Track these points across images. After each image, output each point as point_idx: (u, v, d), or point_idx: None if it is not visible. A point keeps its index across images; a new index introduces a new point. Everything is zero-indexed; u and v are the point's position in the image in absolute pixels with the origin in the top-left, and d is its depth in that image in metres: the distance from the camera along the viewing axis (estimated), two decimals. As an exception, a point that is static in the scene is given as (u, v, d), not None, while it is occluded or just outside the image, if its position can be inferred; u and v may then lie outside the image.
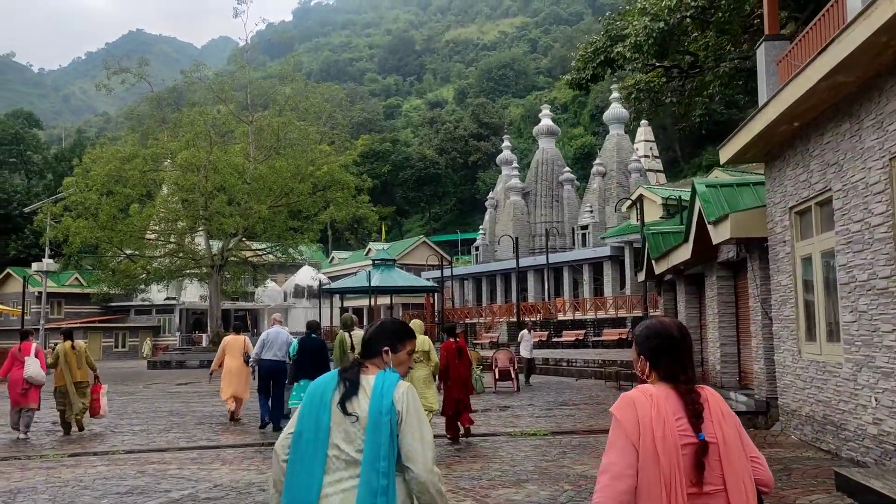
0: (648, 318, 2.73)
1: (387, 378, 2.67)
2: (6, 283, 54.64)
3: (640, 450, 2.14)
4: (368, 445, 2.53)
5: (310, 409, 2.64)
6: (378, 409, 2.56)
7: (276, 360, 11.28)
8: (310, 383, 8.11)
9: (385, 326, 2.86)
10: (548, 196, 50.12)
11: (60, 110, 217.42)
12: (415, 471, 2.55)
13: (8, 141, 67.07)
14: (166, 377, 27.73)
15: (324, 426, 2.59)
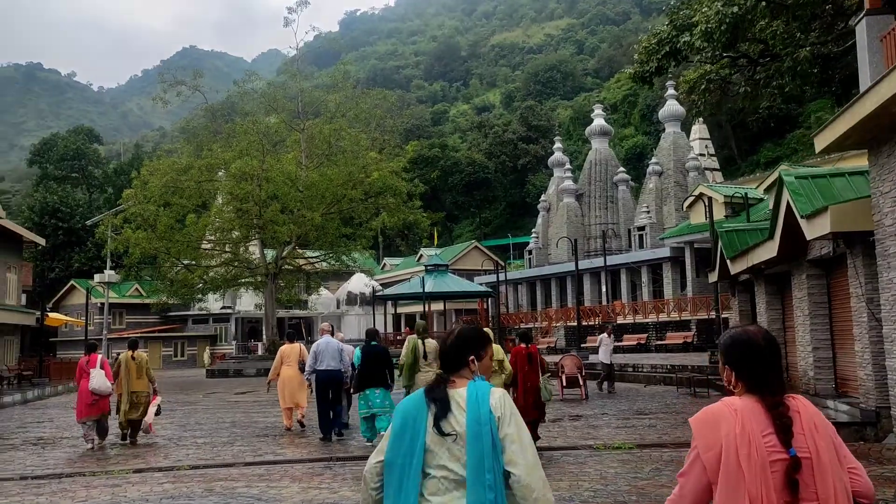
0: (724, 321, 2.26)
1: (479, 387, 2.57)
2: (70, 295, 55.97)
3: (723, 469, 2.08)
4: (471, 459, 2.43)
5: (401, 435, 2.54)
6: (476, 420, 2.46)
7: (330, 369, 11.19)
8: (375, 391, 9.17)
9: (465, 335, 2.71)
10: (602, 197, 49.04)
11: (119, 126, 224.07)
12: (517, 473, 2.45)
13: (70, 156, 69.03)
14: (225, 386, 27.76)
15: (418, 451, 2.49)
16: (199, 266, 39.09)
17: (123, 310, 56.97)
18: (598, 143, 50.68)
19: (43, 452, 11.00)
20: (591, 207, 49.14)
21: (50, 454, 10.82)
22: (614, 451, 9.29)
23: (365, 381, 10.19)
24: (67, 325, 50.57)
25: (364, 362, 10.40)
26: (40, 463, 9.90)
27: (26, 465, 9.79)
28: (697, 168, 43.79)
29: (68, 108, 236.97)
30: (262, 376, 35.67)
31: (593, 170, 49.67)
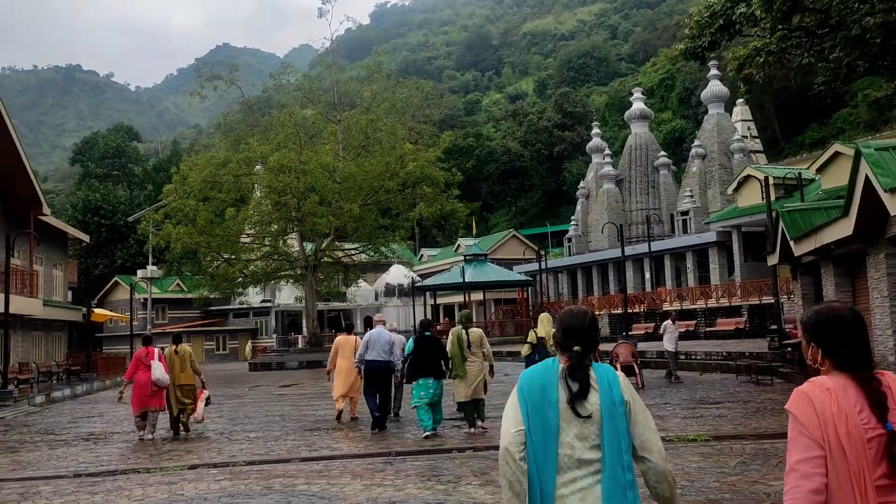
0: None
1: (605, 369, 2.59)
2: (114, 291, 56.74)
3: (825, 447, 2.04)
4: (608, 440, 2.44)
5: (533, 407, 2.52)
6: (611, 402, 2.48)
7: (381, 359, 11.21)
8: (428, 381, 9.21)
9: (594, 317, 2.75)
10: (643, 182, 48.03)
11: (156, 125, 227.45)
12: (652, 460, 2.49)
13: (111, 154, 69.98)
14: (268, 379, 27.66)
15: (553, 425, 2.48)
16: (239, 260, 39.17)
17: (166, 305, 57.60)
18: (638, 127, 49.63)
19: (95, 448, 10.83)
20: (632, 193, 48.17)
21: (102, 450, 10.64)
22: (689, 443, 8.76)
23: (418, 371, 10.18)
24: (112, 321, 51.25)
25: (417, 352, 10.40)
26: (93, 459, 9.70)
27: (79, 461, 9.60)
28: (742, 150, 42.56)
29: (107, 108, 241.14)
30: (304, 369, 35.69)
31: (633, 154, 48.66)
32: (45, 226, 30.41)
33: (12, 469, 9.21)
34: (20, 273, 25.99)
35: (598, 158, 53.11)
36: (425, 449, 9.13)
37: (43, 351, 31.46)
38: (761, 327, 29.34)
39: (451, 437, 10.10)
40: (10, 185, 26.53)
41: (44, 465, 9.46)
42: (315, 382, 24.45)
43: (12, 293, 21.85)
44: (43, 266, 31.41)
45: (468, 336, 10.21)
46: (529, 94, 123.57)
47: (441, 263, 63.28)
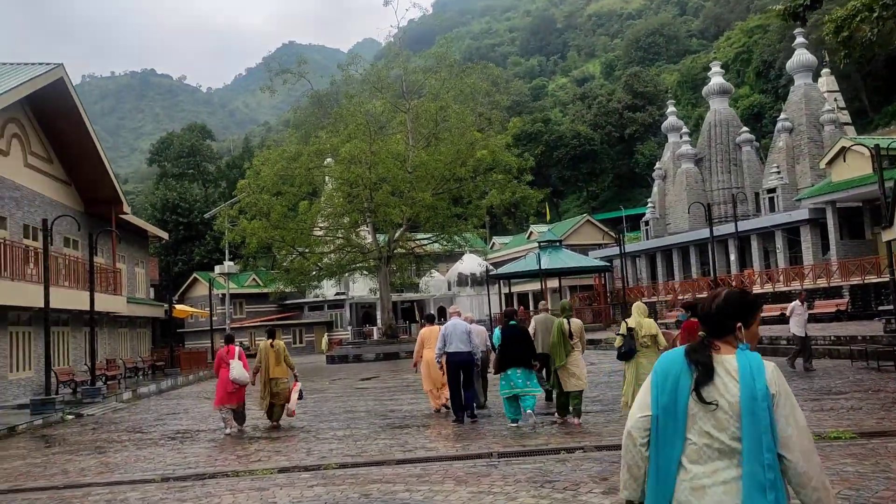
0: None
1: (750, 357, 2.40)
2: (193, 287, 58.04)
3: None
4: (748, 436, 2.29)
5: (664, 393, 2.43)
6: (752, 395, 2.31)
7: (460, 351, 11.15)
8: (517, 371, 9.65)
9: (733, 299, 2.52)
10: (724, 160, 45.87)
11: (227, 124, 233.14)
12: (791, 460, 2.31)
13: (186, 153, 71.68)
14: (347, 372, 27.42)
15: (681, 412, 2.39)
16: (313, 253, 39.22)
17: (243, 300, 58.58)
18: (717, 102, 47.40)
19: (182, 448, 10.50)
20: (713, 172, 46.10)
21: (189, 449, 10.30)
22: (832, 441, 7.72)
23: (506, 362, 10.12)
24: (192, 317, 52.38)
25: (504, 342, 10.30)
26: (181, 461, 9.33)
27: (167, 462, 9.25)
28: (833, 121, 40.07)
29: (181, 109, 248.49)
30: (381, 361, 35.47)
31: (713, 131, 46.52)
32: (126, 224, 30.98)
33: (100, 472, 8.91)
34: (104, 271, 26.44)
35: (675, 138, 51.12)
36: (529, 450, 8.37)
37: (128, 347, 32.13)
38: (865, 309, 27.40)
39: (553, 434, 9.33)
40: (94, 186, 27.03)
41: (131, 467, 9.14)
42: (395, 375, 24.03)
43: (97, 291, 22.14)
44: (126, 264, 32.04)
45: (570, 326, 10.12)
46: (597, 77, 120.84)
47: (513, 251, 62.34)
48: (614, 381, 16.24)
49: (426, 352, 12.41)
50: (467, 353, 11.14)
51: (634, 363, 9.22)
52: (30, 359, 21.79)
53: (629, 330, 9.40)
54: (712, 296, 2.57)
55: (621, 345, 9.42)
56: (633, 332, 9.38)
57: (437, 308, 65.27)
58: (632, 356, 9.20)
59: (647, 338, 9.19)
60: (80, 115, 24.39)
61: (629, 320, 9.57)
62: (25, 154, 23.07)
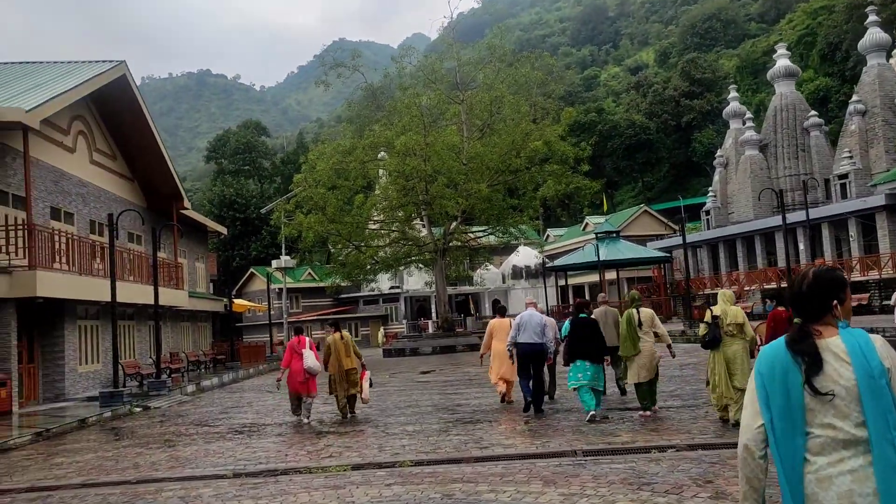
0: None
1: (856, 335, 2.28)
2: (250, 282, 58.85)
3: None
4: (871, 417, 2.17)
5: (774, 394, 2.31)
6: (868, 374, 2.20)
7: (533, 342, 11.16)
8: (585, 363, 9.68)
9: (822, 276, 2.40)
10: (791, 146, 44.16)
11: (280, 122, 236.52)
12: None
13: (242, 150, 72.70)
14: (405, 365, 27.18)
15: (797, 409, 2.27)
16: (369, 246, 39.17)
17: (299, 294, 59.12)
18: (784, 86, 45.65)
19: (250, 442, 10.32)
20: (779, 158, 44.43)
21: (258, 443, 10.10)
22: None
23: (575, 353, 10.12)
24: (250, 311, 53.08)
25: (573, 334, 10.33)
26: (250, 455, 9.12)
27: (237, 457, 9.04)
28: (910, 102, 38.13)
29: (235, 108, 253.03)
30: (438, 354, 35.19)
31: (779, 116, 44.83)
32: (186, 220, 31.36)
33: (171, 467, 8.75)
34: (167, 266, 26.77)
35: (737, 124, 49.51)
36: (616, 448, 7.88)
37: (190, 340, 32.57)
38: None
39: (636, 430, 8.80)
40: (155, 182, 27.40)
41: (201, 461, 8.96)
42: (455, 369, 23.68)
43: (160, 285, 22.37)
44: (186, 259, 32.46)
45: (639, 316, 10.12)
46: (650, 65, 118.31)
47: (568, 243, 61.42)
48: (688, 375, 15.57)
49: (495, 343, 12.40)
50: (539, 344, 11.11)
51: (720, 352, 8.88)
52: (98, 352, 22.15)
53: (714, 318, 8.97)
54: (800, 278, 2.44)
55: (705, 333, 9.00)
56: (717, 321, 8.94)
57: (492, 301, 64.88)
58: (717, 345, 8.86)
59: (732, 326, 8.82)
60: (141, 112, 24.70)
61: (714, 308, 9.15)
62: (91, 151, 23.45)
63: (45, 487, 7.95)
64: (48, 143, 20.37)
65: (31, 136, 18.02)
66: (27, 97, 18.36)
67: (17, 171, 18.54)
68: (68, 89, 19.33)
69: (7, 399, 16.12)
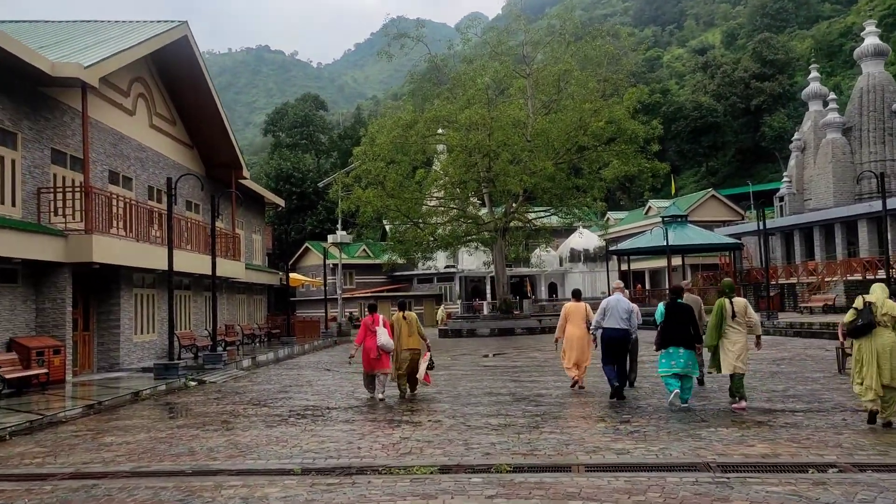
0: None
1: None
2: (305, 257, 58.48)
3: None
4: None
5: None
6: None
7: (619, 328, 11.01)
8: (679, 350, 9.70)
9: None
10: (878, 130, 41.30)
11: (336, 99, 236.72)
12: None
13: (300, 123, 72.23)
14: (464, 347, 26.01)
15: None
16: (429, 223, 38.07)
17: (353, 270, 58.54)
18: (872, 65, 42.68)
19: (315, 429, 9.28)
20: (864, 143, 41.63)
21: (324, 431, 9.05)
22: None
23: (669, 339, 9.91)
24: (305, 286, 52.69)
25: (668, 319, 10.05)
26: (318, 447, 8.05)
27: (303, 448, 7.99)
28: None
29: (292, 85, 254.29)
30: (496, 336, 34.02)
31: (865, 98, 41.94)
32: (245, 190, 30.70)
33: (230, 455, 7.74)
34: (224, 236, 26.12)
35: (817, 106, 46.66)
36: (758, 462, 6.53)
37: (246, 314, 32.06)
38: None
39: (765, 438, 7.44)
40: (215, 149, 26.71)
41: (264, 450, 7.94)
42: (520, 353, 22.50)
43: (218, 256, 21.63)
44: (243, 231, 31.86)
45: (733, 306, 9.84)
46: (717, 47, 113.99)
47: (629, 227, 59.34)
48: (788, 371, 14.02)
49: (569, 327, 12.22)
50: (625, 331, 10.99)
51: (870, 341, 8.11)
52: (153, 322, 21.59)
53: (868, 304, 8.23)
54: None
55: (854, 318, 8.29)
56: (871, 307, 8.19)
57: (549, 284, 63.28)
58: (869, 331, 8.12)
59: (886, 317, 8.11)
60: (203, 75, 23.93)
61: (868, 296, 8.38)
62: (151, 115, 22.77)
63: (90, 474, 7.02)
64: (107, 104, 19.68)
65: (90, 94, 17.29)
66: (87, 53, 17.62)
67: (75, 131, 17.88)
68: (129, 46, 18.55)
69: (61, 367, 15.53)
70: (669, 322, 10.00)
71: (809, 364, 15.49)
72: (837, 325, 8.80)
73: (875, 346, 8.01)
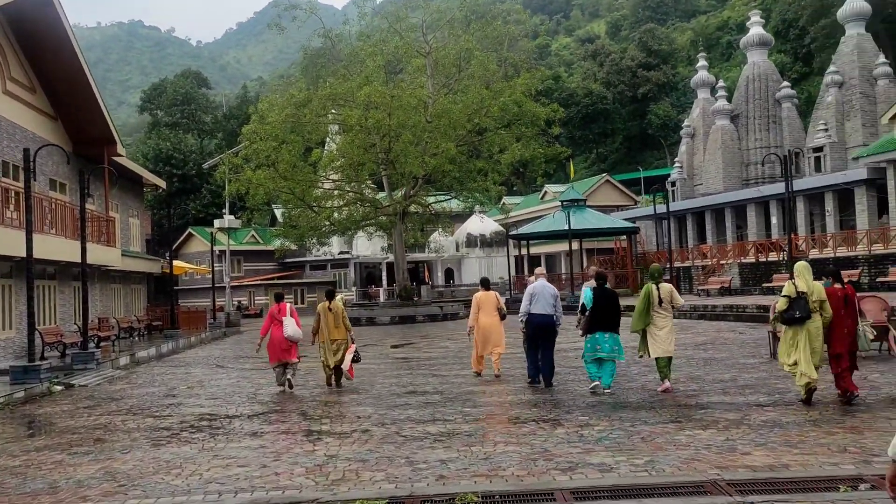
0: None
1: None
2: (188, 244, 54.83)
3: None
4: None
5: None
6: None
7: (547, 314, 10.82)
8: (605, 335, 10.04)
9: None
10: (763, 117, 42.80)
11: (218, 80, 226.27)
12: None
13: (180, 101, 67.63)
14: (366, 337, 24.19)
15: None
16: (324, 207, 36.09)
17: (241, 257, 55.44)
18: (757, 55, 44.14)
19: (217, 447, 7.55)
20: (750, 129, 43.06)
21: (229, 451, 7.33)
22: None
23: (595, 325, 9.96)
24: (188, 274, 49.34)
25: (597, 305, 10.05)
26: (223, 474, 6.37)
27: (203, 476, 6.29)
28: (887, 75, 37.00)
29: (169, 63, 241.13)
30: (397, 324, 32.61)
31: (751, 86, 43.35)
32: (121, 169, 27.67)
33: (107, 493, 5.94)
34: (97, 219, 23.30)
35: (705, 94, 47.99)
36: (771, 478, 5.46)
37: (122, 305, 29.13)
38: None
39: (754, 441, 6.46)
40: (83, 123, 23.69)
41: (151, 483, 6.19)
42: (429, 343, 21.24)
43: (89, 241, 19.03)
44: (119, 214, 28.84)
45: (659, 292, 9.81)
46: (602, 37, 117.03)
47: (525, 212, 59.30)
48: (721, 358, 13.41)
49: (482, 316, 12.06)
50: (551, 316, 10.85)
51: (805, 329, 8.21)
52: (11, 317, 18.76)
53: (800, 293, 8.24)
54: None
55: (787, 308, 8.28)
56: (804, 295, 8.23)
57: (445, 270, 62.42)
58: (804, 322, 8.22)
59: (816, 303, 8.23)
60: (68, 38, 21.05)
61: (798, 282, 8.36)
62: (4, 79, 19.74)
63: None
64: (-51, 63, 16.71)
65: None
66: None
67: None
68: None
69: None
70: (598, 307, 10.00)
71: (735, 349, 15.04)
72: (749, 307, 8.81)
73: (809, 330, 8.17)
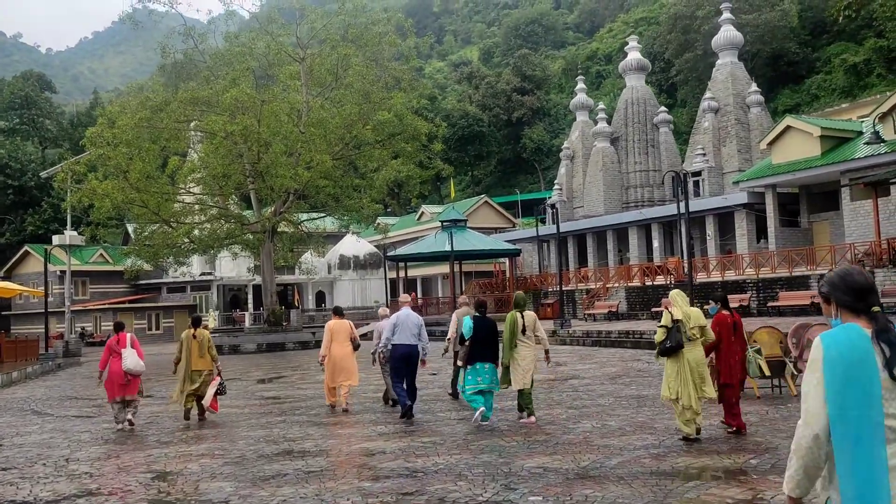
0: None
1: None
2: (24, 263, 48.54)
3: None
4: None
5: (848, 381, 2.24)
6: None
7: (410, 343, 10.54)
8: (485, 366, 9.75)
9: (865, 273, 2.44)
10: (641, 141, 43.13)
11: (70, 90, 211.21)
12: None
13: (19, 105, 60.43)
14: (230, 368, 20.91)
15: (876, 398, 2.24)
16: (183, 223, 32.33)
17: (87, 278, 49.74)
18: (635, 79, 44.62)
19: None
20: (629, 153, 43.25)
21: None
22: None
23: (475, 354, 9.65)
24: (22, 297, 43.42)
25: (476, 334, 9.70)
26: None
27: None
28: (759, 103, 38.07)
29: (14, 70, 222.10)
30: (265, 353, 29.37)
31: (630, 110, 43.66)
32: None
33: None
34: None
35: (584, 116, 48.11)
36: None
37: (-73, 336, 24.17)
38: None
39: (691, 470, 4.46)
40: None
41: None
42: (303, 376, 18.47)
43: None
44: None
45: (523, 320, 9.64)
46: (474, 62, 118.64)
47: (401, 233, 57.27)
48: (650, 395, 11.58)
49: (334, 346, 11.58)
50: (415, 346, 10.57)
51: (680, 358, 7.83)
52: None
53: (675, 322, 7.87)
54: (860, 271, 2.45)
55: (664, 339, 7.94)
56: (679, 325, 7.84)
57: (316, 293, 59.03)
58: (678, 351, 7.83)
59: (695, 329, 7.93)
60: None
61: (674, 310, 8.00)
62: None
63: None
64: None
65: None
66: None
67: None
68: None
69: None
70: (477, 337, 9.66)
71: (656, 381, 13.36)
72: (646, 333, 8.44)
73: (687, 362, 7.74)
